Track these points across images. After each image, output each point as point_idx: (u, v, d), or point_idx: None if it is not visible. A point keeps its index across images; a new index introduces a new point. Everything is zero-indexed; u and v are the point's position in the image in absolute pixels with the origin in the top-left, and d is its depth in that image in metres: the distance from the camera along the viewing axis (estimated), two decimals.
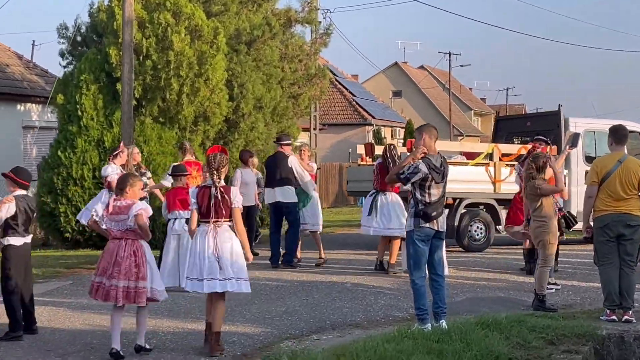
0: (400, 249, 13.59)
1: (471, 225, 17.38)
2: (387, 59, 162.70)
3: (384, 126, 49.51)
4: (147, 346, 8.58)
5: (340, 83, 48.95)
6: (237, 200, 8.42)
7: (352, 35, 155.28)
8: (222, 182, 8.51)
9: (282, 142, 15.02)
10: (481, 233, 17.46)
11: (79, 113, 18.12)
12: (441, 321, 9.13)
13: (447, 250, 17.37)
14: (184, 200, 12.16)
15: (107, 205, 8.50)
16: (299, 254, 15.26)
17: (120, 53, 17.11)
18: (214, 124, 19.23)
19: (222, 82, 19.08)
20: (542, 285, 10.79)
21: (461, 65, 67.88)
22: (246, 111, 20.63)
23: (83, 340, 9.14)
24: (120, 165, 13.92)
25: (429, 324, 9.00)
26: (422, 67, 76.91)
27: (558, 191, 11.28)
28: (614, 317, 9.79)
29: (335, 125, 45.87)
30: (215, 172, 8.45)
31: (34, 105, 22.94)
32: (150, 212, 8.68)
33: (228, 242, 8.36)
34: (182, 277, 11.77)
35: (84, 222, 14.15)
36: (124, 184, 8.55)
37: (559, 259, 13.18)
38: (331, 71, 49.49)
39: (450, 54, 63.29)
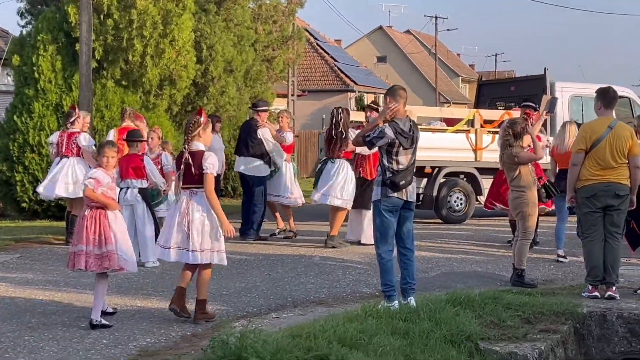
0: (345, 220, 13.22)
1: (450, 196, 16.63)
2: (372, 23, 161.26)
3: (367, 92, 48.52)
4: (104, 321, 7.97)
5: (321, 47, 47.94)
6: (209, 165, 7.92)
7: None
8: (196, 147, 8.02)
9: (259, 109, 14.20)
10: (461, 204, 16.73)
11: (36, 75, 17.08)
12: (410, 298, 8.39)
13: (425, 222, 16.96)
14: (137, 168, 11.33)
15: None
16: (292, 226, 14.43)
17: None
18: (180, 88, 18.24)
19: (190, 43, 18.08)
20: (522, 259, 10.12)
21: (448, 30, 67.15)
22: (216, 75, 19.69)
23: (21, 319, 8.31)
24: None
25: (396, 302, 8.26)
26: (408, 31, 75.78)
27: (537, 159, 10.56)
28: (597, 293, 9.13)
29: (316, 91, 44.90)
30: (185, 136, 8.13)
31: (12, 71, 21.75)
32: (105, 181, 8.12)
33: (201, 212, 7.96)
34: (139, 250, 11.09)
35: (45, 195, 13.34)
36: (96, 153, 8.36)
37: (538, 230, 12.44)
38: (312, 35, 48.66)
39: (436, 17, 62.16)
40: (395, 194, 8.30)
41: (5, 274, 10.82)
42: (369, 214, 12.58)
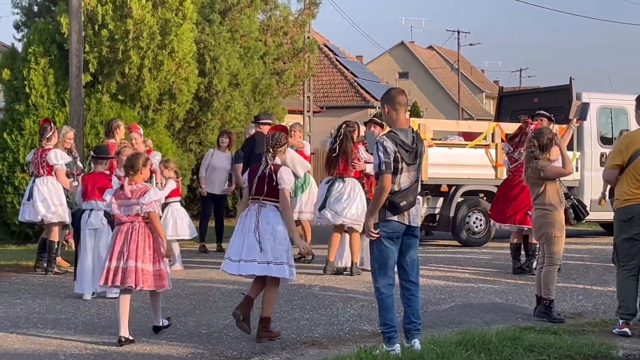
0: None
1: (469, 216, 15.37)
2: (393, 39, 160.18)
3: None
4: (166, 322, 8.15)
5: (341, 63, 46.82)
6: (287, 181, 7.90)
7: (356, 14, 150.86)
8: (277, 161, 7.99)
9: (261, 122, 13.24)
10: (481, 225, 15.46)
11: (27, 90, 16.07)
12: (414, 340, 7.14)
13: (441, 245, 15.75)
14: (104, 189, 10.09)
15: (117, 191, 8.02)
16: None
17: None
18: (181, 102, 17.10)
19: (191, 54, 16.99)
20: (549, 288, 8.92)
21: (470, 44, 65.91)
22: (220, 88, 18.58)
23: None
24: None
25: (398, 345, 7.02)
26: (430, 47, 74.57)
27: (566, 174, 9.36)
28: (627, 329, 7.97)
29: (335, 107, 43.75)
30: (270, 149, 8.00)
31: (2, 85, 20.76)
32: (163, 200, 8.62)
33: (271, 224, 7.83)
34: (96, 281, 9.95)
35: (27, 218, 12.31)
36: (135, 165, 8.00)
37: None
38: (332, 51, 47.68)
39: (458, 32, 60.95)
40: (396, 218, 7.09)
41: None
42: None
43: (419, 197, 7.39)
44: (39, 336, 7.95)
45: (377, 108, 45.78)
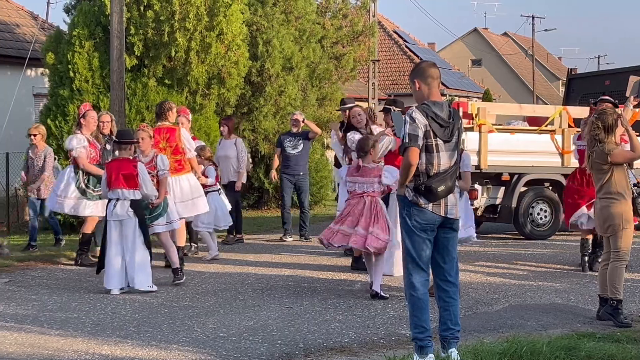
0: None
1: (533, 207, 14.27)
2: (466, 25, 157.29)
3: (459, 96, 46.02)
4: (382, 294, 8.93)
5: (411, 50, 45.65)
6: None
7: (429, 2, 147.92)
8: None
9: (346, 106, 11.98)
10: (545, 216, 14.35)
11: (71, 74, 15.48)
12: (451, 350, 6.26)
13: (502, 238, 14.68)
14: (129, 175, 9.38)
15: (350, 169, 9.15)
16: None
17: None
18: (230, 87, 16.29)
19: (240, 37, 16.16)
20: (616, 286, 7.99)
21: (545, 30, 63.93)
22: (273, 72, 17.74)
23: None
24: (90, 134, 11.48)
25: (432, 355, 6.12)
26: (505, 34, 72.69)
27: (636, 158, 8.33)
28: None
29: (405, 95, 42.60)
30: None
31: (47, 70, 20.34)
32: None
33: None
34: (131, 275, 9.42)
35: (53, 208, 11.73)
36: (365, 147, 9.05)
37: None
38: (402, 37, 46.54)
39: (533, 17, 59.05)
40: (430, 207, 6.18)
41: None
42: None
43: (457, 183, 6.52)
44: (41, 338, 7.24)
45: (447, 96, 44.58)
